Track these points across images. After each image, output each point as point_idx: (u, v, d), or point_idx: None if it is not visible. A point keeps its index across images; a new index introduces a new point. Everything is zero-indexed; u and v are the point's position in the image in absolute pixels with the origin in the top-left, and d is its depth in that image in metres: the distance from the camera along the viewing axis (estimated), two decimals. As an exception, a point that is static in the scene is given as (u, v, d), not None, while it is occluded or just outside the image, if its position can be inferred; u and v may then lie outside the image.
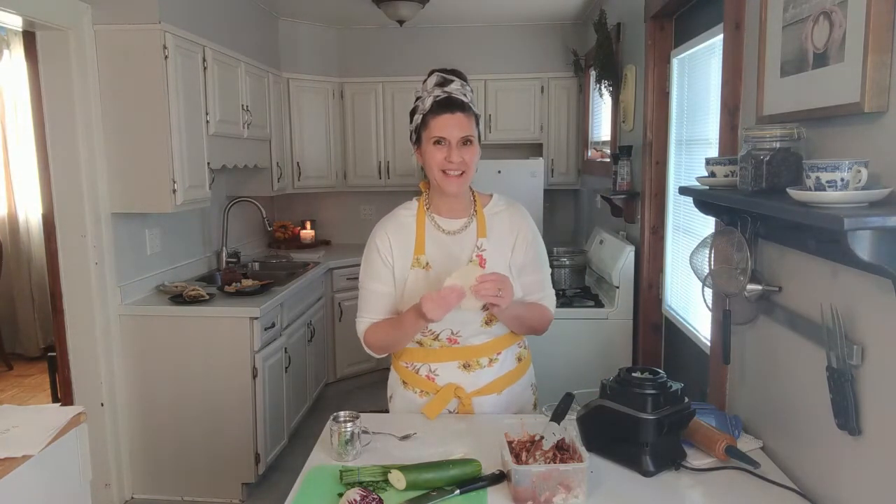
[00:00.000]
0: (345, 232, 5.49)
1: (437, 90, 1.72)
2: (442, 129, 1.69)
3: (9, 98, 5.09)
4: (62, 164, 2.92)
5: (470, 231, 1.80)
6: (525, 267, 1.82)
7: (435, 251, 1.78)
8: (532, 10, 4.64)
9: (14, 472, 1.59)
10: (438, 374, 1.81)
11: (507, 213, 1.85)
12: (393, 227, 1.82)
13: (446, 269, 1.72)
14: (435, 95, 1.71)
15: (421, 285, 1.75)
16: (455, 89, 1.72)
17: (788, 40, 1.47)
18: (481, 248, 1.78)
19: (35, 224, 5.19)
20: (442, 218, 1.81)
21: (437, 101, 1.70)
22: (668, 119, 2.97)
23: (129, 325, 3.14)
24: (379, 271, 1.81)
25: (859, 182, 1.14)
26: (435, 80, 1.74)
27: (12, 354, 5.26)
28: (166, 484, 3.23)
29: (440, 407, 1.79)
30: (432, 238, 1.80)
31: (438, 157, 1.70)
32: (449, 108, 1.69)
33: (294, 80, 4.80)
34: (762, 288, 1.62)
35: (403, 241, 1.80)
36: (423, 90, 1.75)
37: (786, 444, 1.57)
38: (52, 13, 2.71)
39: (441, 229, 1.81)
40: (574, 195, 5.40)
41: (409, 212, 1.84)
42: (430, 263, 1.77)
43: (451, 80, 1.74)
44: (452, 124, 1.69)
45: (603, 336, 3.25)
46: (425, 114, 1.71)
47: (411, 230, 1.80)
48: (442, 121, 1.69)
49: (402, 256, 1.79)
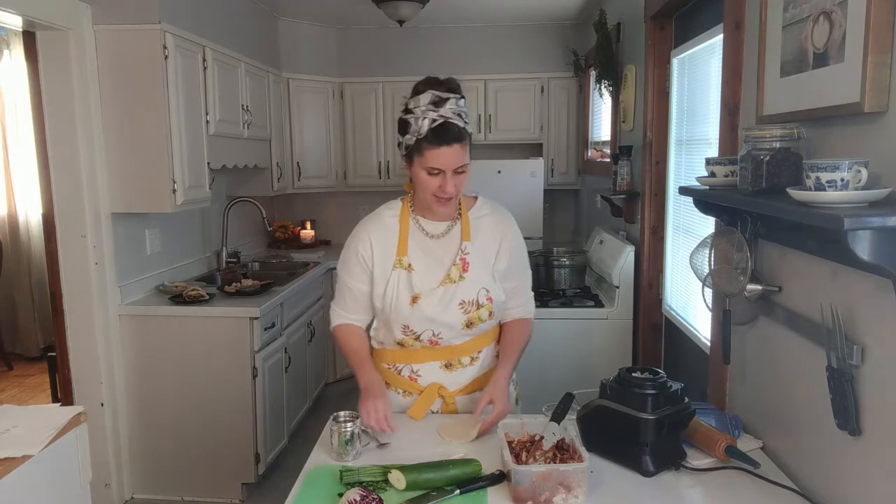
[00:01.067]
0: (345, 232, 5.37)
1: (432, 111, 1.63)
2: (437, 160, 1.64)
3: (9, 98, 5.09)
4: (62, 164, 2.92)
5: (454, 234, 1.80)
6: (508, 272, 1.84)
7: (418, 253, 1.78)
8: (532, 10, 4.64)
9: (14, 472, 1.59)
10: (421, 375, 1.83)
11: (492, 218, 1.85)
12: (375, 228, 1.82)
13: (430, 270, 1.76)
14: (431, 119, 1.62)
15: (403, 286, 1.76)
16: (451, 111, 1.63)
17: (788, 40, 1.47)
18: (465, 251, 1.78)
19: (35, 224, 5.19)
20: (426, 220, 1.81)
21: (433, 129, 1.62)
22: (668, 119, 2.97)
23: (129, 325, 3.14)
24: (353, 270, 1.83)
25: (859, 182, 1.14)
26: (429, 99, 1.64)
27: (12, 354, 5.25)
28: (166, 484, 3.23)
29: (425, 407, 1.81)
30: (416, 240, 1.80)
31: (432, 184, 1.68)
32: (446, 139, 1.63)
33: (294, 80, 4.80)
34: (762, 288, 1.62)
35: (386, 242, 1.79)
36: (416, 106, 1.64)
37: (786, 444, 1.57)
38: (52, 13, 2.71)
39: (425, 232, 1.81)
40: (574, 195, 5.40)
41: (393, 212, 1.83)
42: (412, 265, 1.77)
43: (445, 99, 1.64)
44: (448, 156, 1.64)
45: (603, 336, 3.25)
46: (420, 138, 1.64)
47: (394, 231, 1.80)
48: (438, 153, 1.64)
49: (384, 258, 1.79)
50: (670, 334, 3.04)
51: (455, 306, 1.75)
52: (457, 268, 1.76)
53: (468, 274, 1.76)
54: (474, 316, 1.76)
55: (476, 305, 1.76)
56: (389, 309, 1.76)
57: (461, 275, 1.76)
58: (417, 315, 1.75)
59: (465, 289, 1.75)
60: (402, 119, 1.69)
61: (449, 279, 1.75)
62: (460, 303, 1.75)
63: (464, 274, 1.76)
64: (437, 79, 1.69)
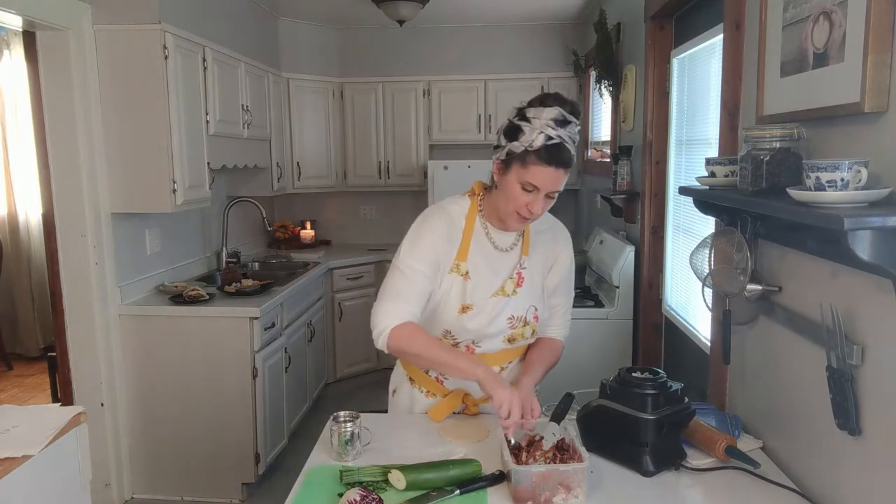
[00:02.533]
0: (345, 232, 5.50)
1: (552, 128, 1.53)
2: (540, 179, 1.55)
3: (9, 98, 5.09)
4: (62, 164, 2.92)
5: (516, 249, 1.74)
6: (556, 290, 1.81)
7: (479, 262, 1.69)
8: (532, 10, 4.64)
9: (14, 472, 1.59)
10: (448, 378, 1.78)
11: (550, 234, 1.80)
12: (443, 222, 1.70)
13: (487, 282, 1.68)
14: (548, 135, 1.52)
15: (455, 293, 1.68)
16: (570, 135, 1.55)
17: (788, 40, 1.47)
18: (522, 265, 1.73)
19: (35, 224, 5.19)
20: (496, 231, 1.72)
21: (547, 147, 1.53)
22: (668, 119, 2.97)
23: (129, 325, 3.14)
24: (425, 254, 1.66)
25: (859, 182, 1.14)
26: (553, 115, 1.53)
27: (12, 354, 5.25)
28: (166, 484, 3.23)
29: (447, 411, 1.76)
30: (480, 248, 1.71)
31: (522, 200, 1.59)
32: (557, 161, 1.54)
33: (294, 80, 4.80)
34: (762, 288, 1.62)
35: (450, 240, 1.69)
36: (536, 117, 1.54)
37: (786, 444, 1.57)
38: (52, 13, 2.71)
39: (492, 242, 1.72)
40: (574, 195, 5.40)
41: (461, 209, 1.73)
42: (469, 273, 1.69)
43: (569, 122, 1.55)
44: (552, 178, 1.56)
45: (603, 336, 3.25)
46: (530, 150, 1.54)
47: (459, 230, 1.70)
48: (544, 172, 1.55)
49: (446, 256, 1.68)
50: (670, 334, 3.04)
51: (503, 320, 1.70)
52: (512, 281, 1.71)
53: (521, 289, 1.71)
54: (519, 332, 1.74)
55: (523, 322, 1.73)
56: (434, 312, 1.70)
57: (515, 289, 1.71)
58: (463, 325, 1.69)
59: (517, 304, 1.71)
60: (515, 124, 1.58)
61: (503, 292, 1.70)
62: (509, 318, 1.71)
63: (517, 289, 1.71)
64: (564, 97, 1.59)
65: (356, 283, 4.73)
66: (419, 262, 1.65)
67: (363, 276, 4.79)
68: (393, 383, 1.93)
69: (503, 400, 1.51)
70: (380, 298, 1.67)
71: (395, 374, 1.93)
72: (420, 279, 1.65)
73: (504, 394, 1.52)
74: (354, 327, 4.68)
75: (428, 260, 1.66)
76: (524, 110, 1.58)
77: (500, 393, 1.52)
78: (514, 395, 1.52)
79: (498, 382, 1.56)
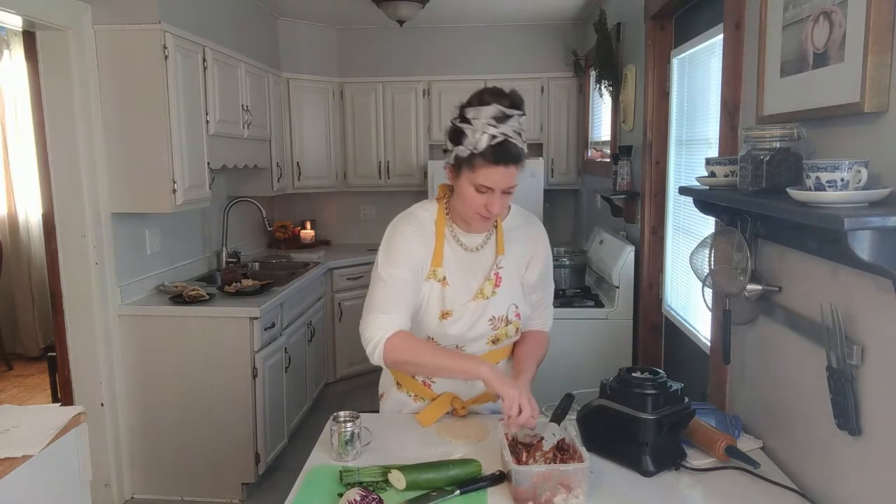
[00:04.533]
0: (345, 232, 5.50)
1: (493, 127, 1.51)
2: (490, 179, 1.54)
3: (9, 98, 5.09)
4: (62, 164, 2.92)
5: (489, 247, 1.73)
6: (536, 285, 1.80)
7: (453, 266, 1.69)
8: (532, 10, 4.64)
9: (14, 472, 1.59)
10: (435, 381, 1.78)
11: (525, 230, 1.78)
12: (413, 229, 1.69)
13: (464, 286, 1.68)
14: (491, 135, 1.50)
15: (434, 299, 1.67)
16: (512, 130, 1.52)
17: (788, 40, 1.47)
18: (499, 265, 1.72)
19: (35, 224, 5.19)
20: (462, 232, 1.72)
21: (492, 147, 1.51)
22: (668, 119, 2.97)
23: (129, 325, 3.14)
24: (401, 260, 1.64)
25: (859, 182, 1.14)
26: (493, 113, 1.51)
27: (12, 354, 5.26)
28: (166, 484, 3.23)
29: (436, 415, 1.75)
30: (452, 251, 1.70)
31: (479, 202, 1.58)
32: (504, 160, 1.52)
33: (294, 80, 4.80)
34: (762, 288, 1.62)
35: (422, 245, 1.68)
36: (476, 118, 1.52)
37: (786, 444, 1.57)
38: (52, 13, 2.71)
39: (461, 244, 1.71)
40: (574, 195, 5.40)
41: (429, 214, 1.72)
42: (446, 278, 1.68)
43: (509, 116, 1.52)
44: (503, 176, 1.54)
45: (603, 336, 3.25)
46: (475, 153, 1.52)
47: (430, 235, 1.69)
48: (493, 172, 1.53)
49: (422, 260, 1.67)
50: (670, 334, 3.04)
51: (485, 322, 1.70)
52: (490, 283, 1.70)
53: (500, 289, 1.70)
54: (502, 332, 1.73)
55: (505, 322, 1.72)
56: (415, 320, 1.69)
57: (494, 290, 1.70)
58: (444, 331, 1.69)
59: (497, 304, 1.70)
60: (457, 128, 1.56)
61: (481, 294, 1.69)
62: (490, 318, 1.70)
63: (496, 289, 1.70)
64: (502, 91, 1.56)
65: (356, 283, 4.73)
66: (399, 269, 1.64)
67: (363, 276, 4.79)
68: (381, 388, 1.92)
69: (513, 399, 1.51)
70: (366, 311, 1.66)
71: (383, 379, 1.92)
72: (403, 286, 1.64)
73: (513, 392, 1.52)
74: (354, 327, 4.59)
75: (406, 266, 1.65)
76: (464, 110, 1.56)
77: (510, 392, 1.52)
78: (523, 393, 1.53)
79: (504, 380, 1.57)
